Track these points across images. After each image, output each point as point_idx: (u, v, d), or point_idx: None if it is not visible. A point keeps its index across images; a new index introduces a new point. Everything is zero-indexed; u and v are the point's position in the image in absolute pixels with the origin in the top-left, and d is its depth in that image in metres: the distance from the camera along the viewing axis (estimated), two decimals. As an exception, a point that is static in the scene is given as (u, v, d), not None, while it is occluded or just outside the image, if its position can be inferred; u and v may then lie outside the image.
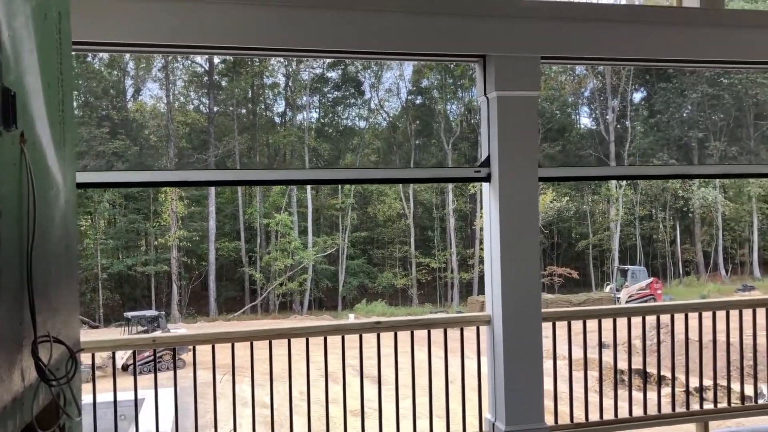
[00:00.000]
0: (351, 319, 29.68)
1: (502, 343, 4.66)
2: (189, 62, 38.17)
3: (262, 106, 40.80)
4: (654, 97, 43.53)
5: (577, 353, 5.22)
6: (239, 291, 39.27)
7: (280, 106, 41.16)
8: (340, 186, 39.96)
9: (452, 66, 37.09)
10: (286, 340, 4.60)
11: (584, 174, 5.50)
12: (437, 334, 4.93)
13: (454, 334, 4.98)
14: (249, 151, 39.52)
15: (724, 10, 5.21)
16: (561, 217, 41.93)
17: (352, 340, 4.77)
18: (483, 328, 4.92)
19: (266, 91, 40.33)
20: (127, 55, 34.41)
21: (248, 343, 4.55)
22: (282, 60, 37.29)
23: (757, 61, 5.39)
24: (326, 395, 4.63)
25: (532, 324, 4.70)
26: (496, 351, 4.76)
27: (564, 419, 5.02)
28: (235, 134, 38.37)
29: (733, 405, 5.40)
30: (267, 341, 4.60)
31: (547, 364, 5.50)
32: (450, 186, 40.30)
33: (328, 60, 36.56)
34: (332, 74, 40.72)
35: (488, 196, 4.77)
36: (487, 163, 4.74)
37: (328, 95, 41.19)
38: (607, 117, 43.71)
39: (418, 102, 43.10)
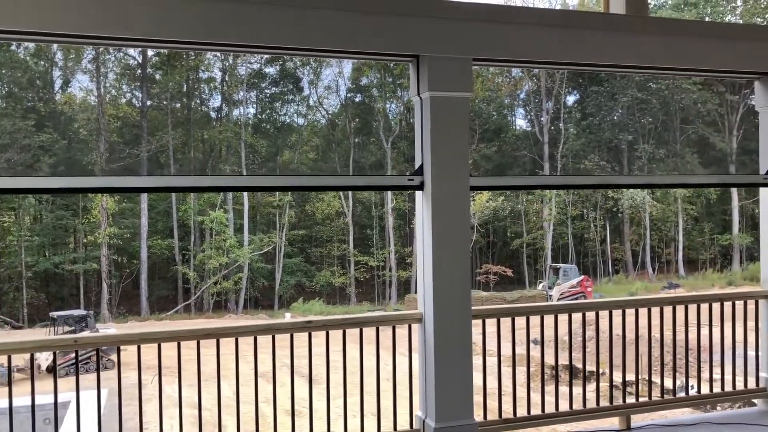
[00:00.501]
0: (287, 318, 29.43)
1: (433, 340, 4.70)
2: (121, 54, 37.04)
3: (198, 101, 40.00)
4: (586, 100, 44.80)
5: (509, 350, 5.32)
6: (172, 290, 38.40)
7: (216, 101, 40.47)
8: (277, 183, 39.56)
9: (391, 65, 37.25)
10: (215, 341, 4.52)
11: (514, 183, 5.60)
12: (373, 332, 4.94)
13: (389, 332, 5.00)
14: (183, 146, 38.67)
15: (648, 17, 5.40)
16: (497, 217, 42.69)
17: (286, 339, 4.72)
18: (415, 326, 4.95)
19: (202, 86, 39.56)
20: (55, 45, 33.13)
21: (176, 344, 4.45)
22: (218, 54, 36.64)
23: (680, 67, 5.59)
24: (256, 395, 4.57)
25: (463, 322, 4.75)
26: (427, 349, 4.79)
27: (494, 415, 5.10)
28: (169, 129, 37.47)
29: (654, 399, 5.60)
30: (195, 341, 4.50)
31: (479, 361, 5.58)
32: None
33: (266, 55, 36.13)
34: (270, 70, 40.30)
35: (421, 203, 4.81)
36: (420, 171, 4.77)
37: (266, 91, 40.71)
38: (542, 119, 44.75)
39: (357, 100, 43.09)
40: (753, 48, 5.58)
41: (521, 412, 5.18)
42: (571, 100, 46.59)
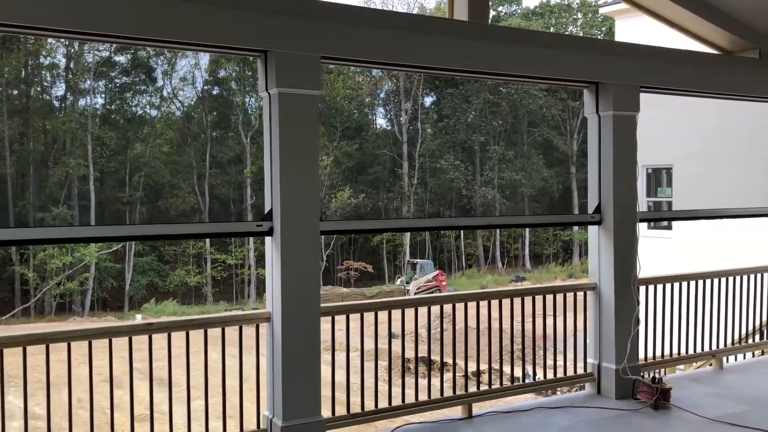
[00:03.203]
0: (138, 319, 28.07)
1: (281, 339, 4.67)
2: (-53, 33, 33.50)
3: (38, 89, 37.03)
4: (442, 101, 46.51)
5: (368, 345, 5.39)
6: (8, 292, 35.32)
7: (59, 90, 37.64)
8: (127, 177, 37.64)
9: (250, 58, 36.54)
10: (45, 346, 4.22)
11: (362, 227, 5.80)
12: (229, 332, 4.81)
13: (247, 331, 4.91)
14: (21, 137, 35.60)
15: (488, 25, 5.67)
16: (358, 213, 43.17)
17: (136, 342, 4.51)
18: (263, 326, 4.89)
19: (43, 72, 36.67)
20: None
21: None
22: (62, 40, 34.19)
23: (522, 74, 5.92)
24: (91, 402, 4.32)
25: (311, 320, 4.76)
26: (275, 348, 4.76)
27: (345, 409, 5.14)
28: (5, 118, 34.36)
29: (494, 387, 5.91)
30: (21, 348, 4.17)
31: (339, 357, 5.61)
32: (249, 180, 39.72)
33: (115, 44, 34.16)
34: (120, 58, 38.13)
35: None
36: (269, 216, 4.73)
37: (116, 80, 38.49)
38: (401, 119, 45.86)
39: (215, 93, 41.88)
40: (583, 59, 6.03)
41: (371, 405, 5.28)
42: (428, 101, 48.17)
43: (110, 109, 38.90)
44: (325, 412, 4.91)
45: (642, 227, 6.46)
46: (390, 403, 5.35)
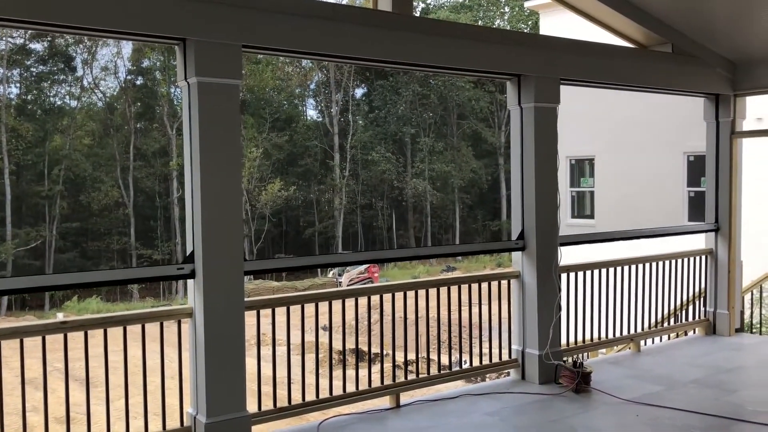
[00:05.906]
0: (60, 318, 27.01)
1: (204, 335, 4.57)
2: None
3: (-55, 77, 35.05)
4: (373, 93, 46.53)
5: (297, 338, 5.33)
6: None
7: (-32, 79, 35.71)
8: (46, 171, 36.07)
9: (175, 47, 35.52)
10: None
11: (289, 265, 5.77)
12: (152, 329, 4.66)
13: (171, 327, 4.76)
14: (-73, 128, 33.68)
15: (411, 16, 5.67)
16: (289, 206, 42.80)
17: (55, 341, 4.31)
18: (186, 321, 4.77)
19: (-50, 60, 34.72)
20: None
21: None
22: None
23: (448, 66, 5.95)
24: (0, 404, 4.11)
25: (235, 315, 4.67)
26: (197, 344, 4.65)
27: (273, 404, 5.08)
28: None
29: (421, 376, 5.94)
30: None
31: (266, 351, 5.55)
32: (174, 173, 38.74)
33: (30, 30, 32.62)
34: (37, 46, 36.43)
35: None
36: (191, 258, 4.61)
37: (32, 69, 36.77)
38: (332, 110, 45.64)
39: (138, 83, 40.61)
40: (506, 51, 6.12)
41: (299, 398, 5.23)
42: (359, 92, 48.10)
43: (26, 100, 37.17)
44: (252, 407, 4.85)
45: (566, 217, 6.62)
46: (318, 395, 5.32)
